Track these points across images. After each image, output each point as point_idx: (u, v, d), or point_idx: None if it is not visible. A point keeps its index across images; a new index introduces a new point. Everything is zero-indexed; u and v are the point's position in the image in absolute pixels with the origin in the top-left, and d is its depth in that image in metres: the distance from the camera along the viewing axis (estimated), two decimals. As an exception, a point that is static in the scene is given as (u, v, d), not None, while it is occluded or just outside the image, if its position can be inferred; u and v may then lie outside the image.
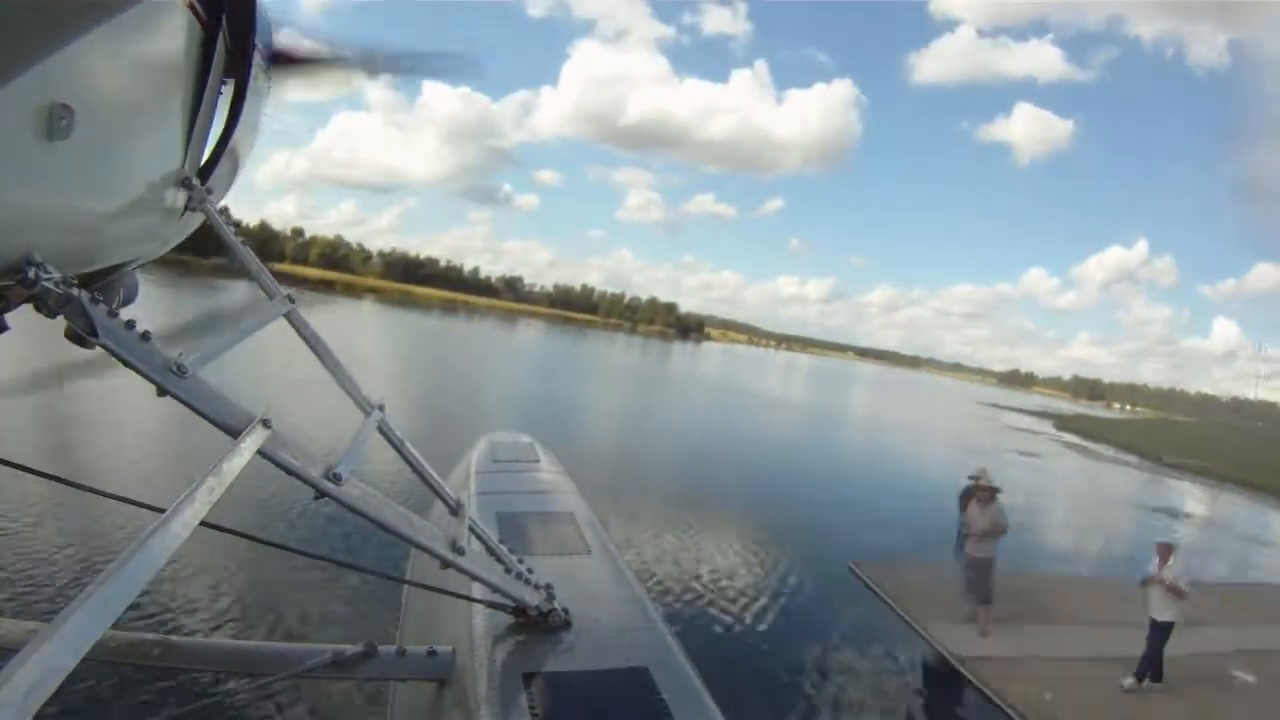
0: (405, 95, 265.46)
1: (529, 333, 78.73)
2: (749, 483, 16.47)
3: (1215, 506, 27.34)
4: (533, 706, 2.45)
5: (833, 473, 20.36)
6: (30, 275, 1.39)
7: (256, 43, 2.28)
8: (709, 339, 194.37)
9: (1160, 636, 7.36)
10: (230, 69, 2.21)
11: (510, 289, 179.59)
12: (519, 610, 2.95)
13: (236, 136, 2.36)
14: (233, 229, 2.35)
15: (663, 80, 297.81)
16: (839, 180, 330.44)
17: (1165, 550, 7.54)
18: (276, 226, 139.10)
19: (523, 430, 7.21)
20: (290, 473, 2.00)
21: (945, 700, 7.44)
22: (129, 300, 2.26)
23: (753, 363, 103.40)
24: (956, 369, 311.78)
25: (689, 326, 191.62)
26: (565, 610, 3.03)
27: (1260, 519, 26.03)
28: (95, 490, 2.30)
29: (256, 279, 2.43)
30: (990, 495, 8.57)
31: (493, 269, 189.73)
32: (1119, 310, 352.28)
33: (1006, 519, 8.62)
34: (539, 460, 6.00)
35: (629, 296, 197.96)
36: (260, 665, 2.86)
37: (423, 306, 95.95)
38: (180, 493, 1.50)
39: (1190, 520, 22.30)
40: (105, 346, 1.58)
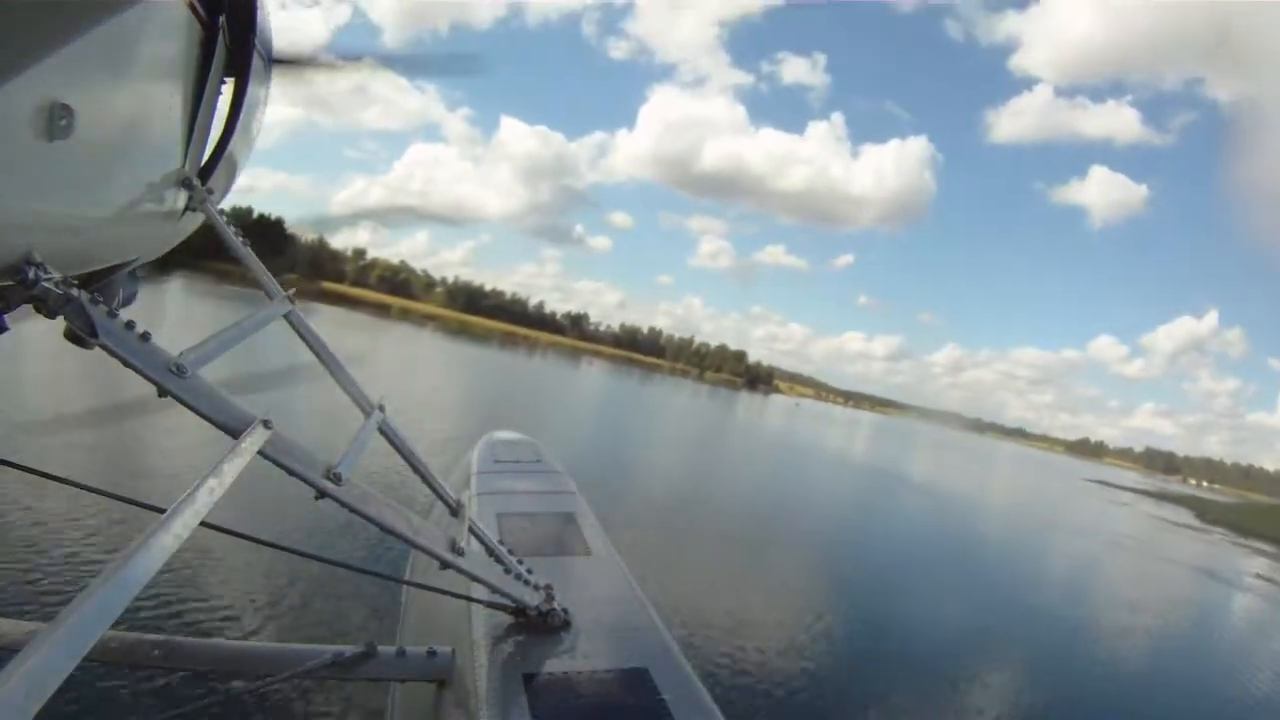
0: (483, 130, 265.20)
1: (591, 373, 72.16)
2: (881, 616, 11.06)
3: None
4: (533, 707, 2.45)
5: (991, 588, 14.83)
6: (30, 275, 1.39)
7: (256, 43, 2.28)
8: (777, 391, 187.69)
9: None
10: (230, 69, 2.21)
11: (575, 326, 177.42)
12: (519, 611, 2.95)
13: (236, 136, 2.36)
14: (233, 229, 2.35)
15: (739, 128, 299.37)
16: (911, 237, 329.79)
17: None
18: (346, 250, 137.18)
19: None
20: (291, 473, 2.00)
21: None
22: (129, 300, 2.26)
23: (834, 422, 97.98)
24: (1019, 435, 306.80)
25: (758, 377, 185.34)
26: (565, 611, 3.02)
27: None
28: (96, 490, 2.30)
29: (257, 279, 2.43)
30: None
31: (561, 307, 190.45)
32: (1185, 381, 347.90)
33: None
34: (539, 461, 5.99)
35: (698, 341, 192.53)
36: (260, 665, 2.86)
37: (481, 337, 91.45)
38: (180, 493, 1.50)
39: None
40: (105, 347, 1.57)
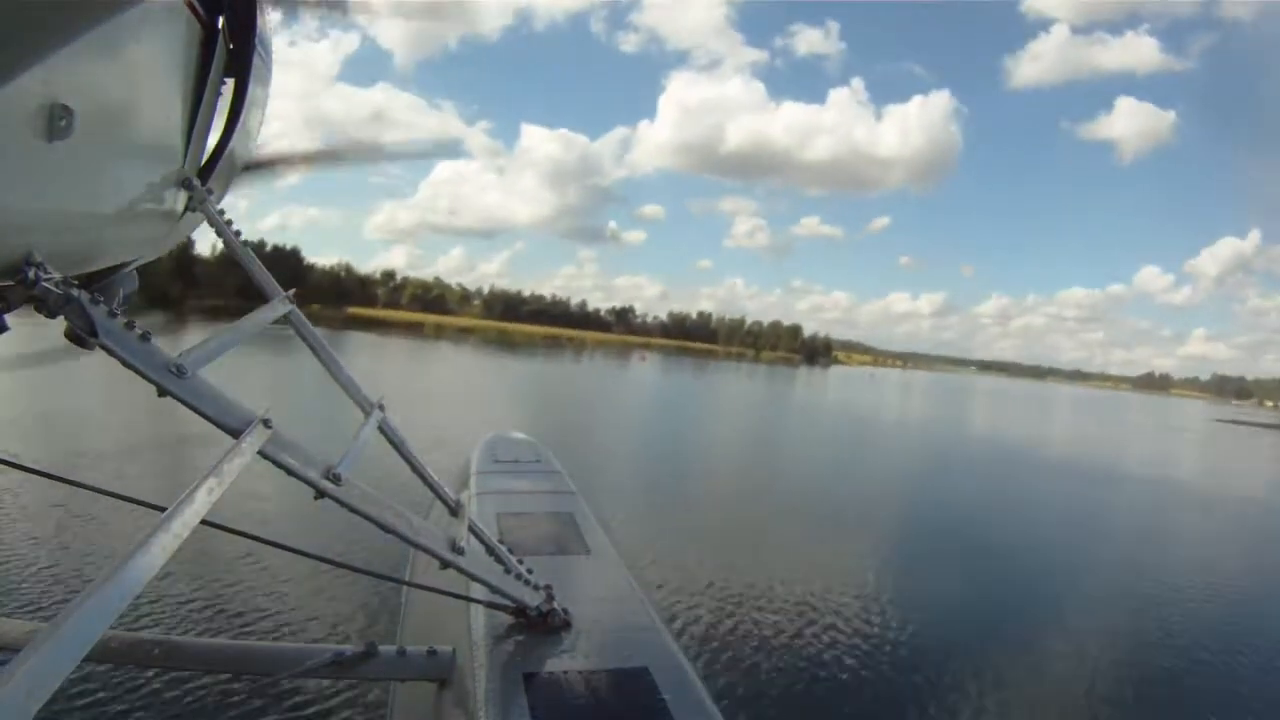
0: (504, 141, 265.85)
1: (642, 372, 59.63)
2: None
3: None
4: (533, 707, 2.45)
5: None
6: (30, 276, 1.39)
7: (256, 43, 2.28)
8: (837, 362, 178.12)
9: None
10: (230, 69, 2.21)
11: (621, 321, 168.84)
12: (519, 610, 2.95)
13: (237, 136, 2.36)
14: (233, 229, 2.35)
15: (760, 105, 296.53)
16: (944, 193, 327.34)
17: None
18: (375, 274, 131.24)
19: None
20: (290, 473, 2.00)
21: None
22: (129, 300, 2.26)
23: (912, 389, 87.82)
24: (1077, 376, 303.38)
25: (815, 350, 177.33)
26: (565, 610, 3.03)
27: None
28: (96, 489, 2.30)
29: (257, 279, 2.43)
30: None
31: (604, 305, 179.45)
32: (1234, 303, 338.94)
33: None
34: (539, 460, 6.00)
35: (749, 321, 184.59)
36: (260, 665, 2.86)
37: (522, 345, 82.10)
38: (180, 493, 1.50)
39: None
40: (105, 347, 1.57)
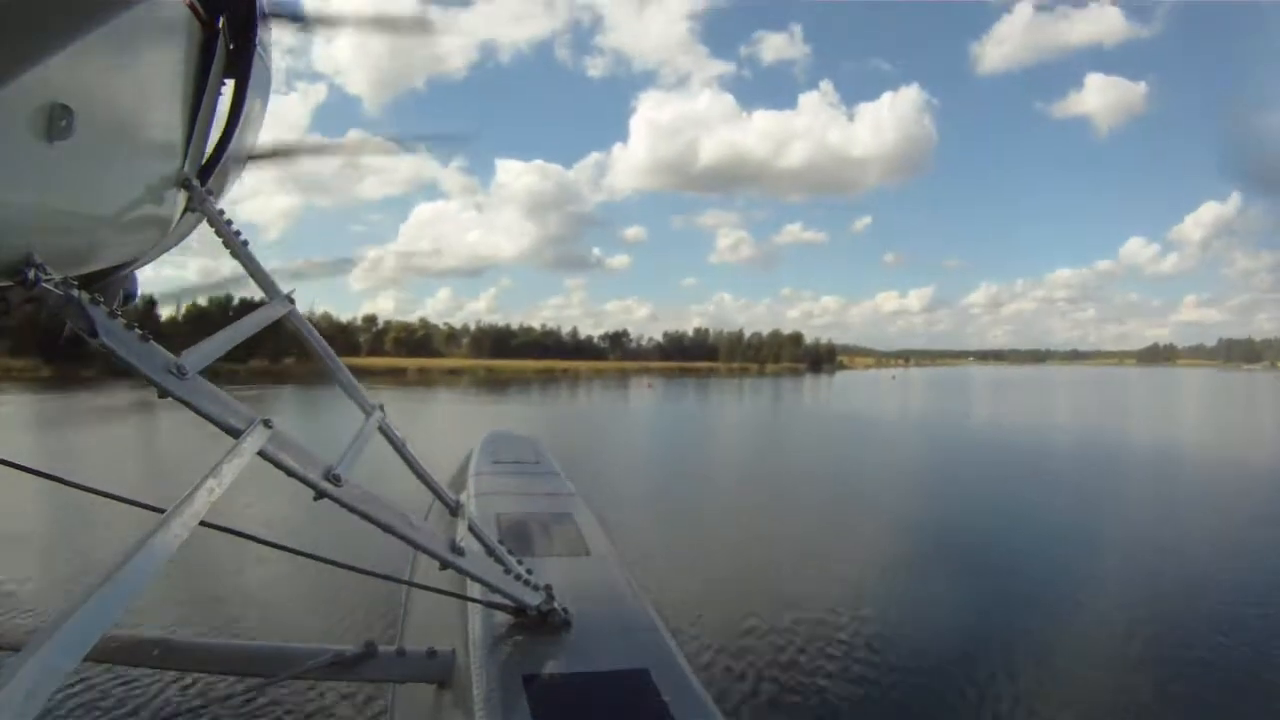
0: (480, 178, 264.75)
1: (644, 401, 52.00)
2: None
3: None
4: (533, 708, 2.45)
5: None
6: (30, 276, 1.39)
7: (257, 43, 2.28)
8: (842, 368, 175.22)
9: None
10: (230, 69, 2.21)
11: (616, 346, 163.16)
12: (519, 611, 2.95)
13: (236, 137, 2.36)
14: (233, 229, 2.35)
15: (731, 117, 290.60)
16: (922, 186, 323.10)
17: None
18: (355, 320, 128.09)
19: None
20: (290, 474, 1.99)
21: None
22: (129, 300, 2.26)
23: (933, 386, 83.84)
24: (1076, 356, 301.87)
25: (819, 357, 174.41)
26: (565, 611, 3.02)
27: None
28: (95, 490, 2.30)
29: (257, 280, 2.43)
30: None
31: (596, 332, 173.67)
32: (1222, 266, 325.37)
33: None
34: (539, 461, 5.99)
35: (748, 334, 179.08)
36: (260, 666, 2.85)
37: (516, 382, 76.34)
38: (180, 494, 1.50)
39: None
40: (105, 347, 1.57)
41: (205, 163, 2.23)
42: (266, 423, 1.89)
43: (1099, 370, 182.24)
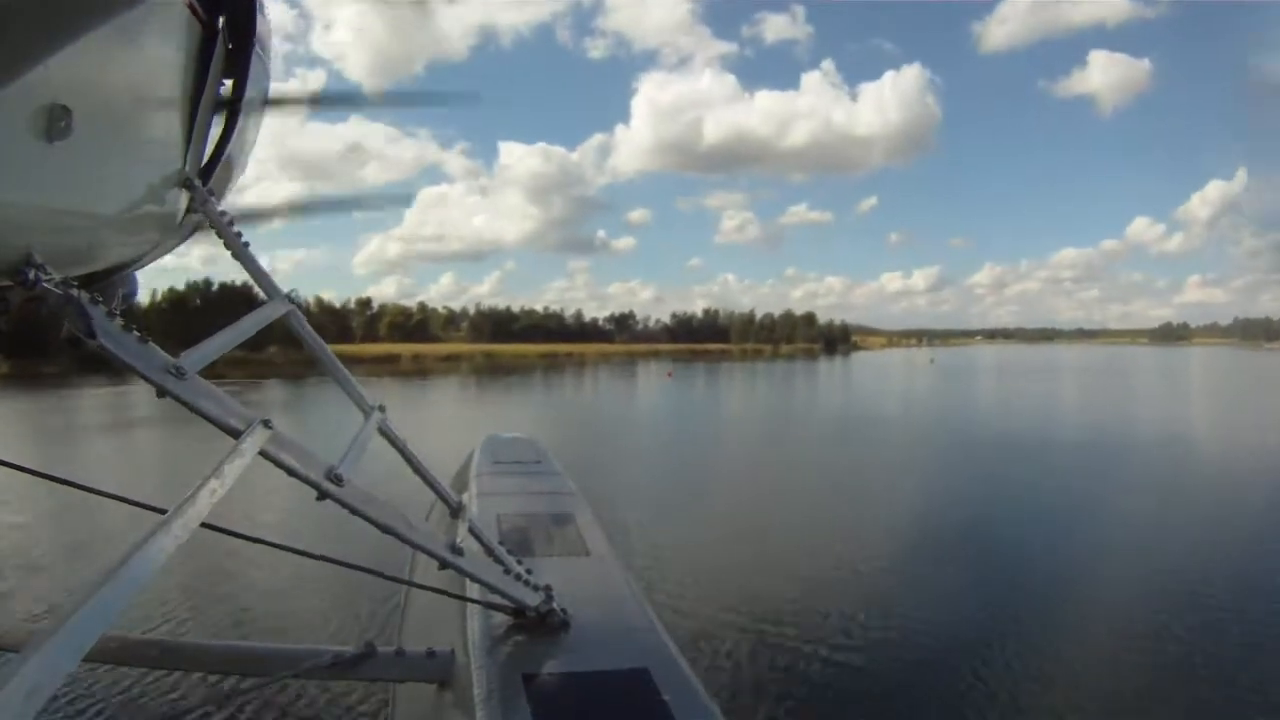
0: (483, 161, 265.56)
1: (673, 393, 43.94)
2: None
3: None
4: (532, 708, 2.45)
5: None
6: (30, 276, 1.39)
7: (256, 43, 2.28)
8: (858, 348, 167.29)
9: None
10: (230, 69, 2.21)
11: (623, 329, 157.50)
12: (518, 611, 2.95)
13: (237, 137, 2.36)
14: (233, 230, 2.35)
15: (734, 98, 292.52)
16: (926, 166, 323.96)
17: None
18: (349, 304, 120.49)
19: None
20: (291, 474, 1.99)
21: None
22: (129, 301, 2.26)
23: (987, 369, 72.66)
24: (1082, 335, 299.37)
25: (834, 338, 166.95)
26: (564, 611, 3.02)
27: None
28: (95, 490, 2.29)
29: (258, 280, 2.43)
30: None
31: (601, 314, 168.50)
32: (1228, 245, 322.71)
33: None
34: (539, 462, 6.00)
35: (760, 314, 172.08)
36: (260, 666, 2.85)
37: (517, 368, 69.51)
38: (181, 494, 1.50)
39: None
40: (104, 347, 1.57)
41: (206, 162, 2.23)
42: (266, 423, 1.89)
43: (1114, 349, 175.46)
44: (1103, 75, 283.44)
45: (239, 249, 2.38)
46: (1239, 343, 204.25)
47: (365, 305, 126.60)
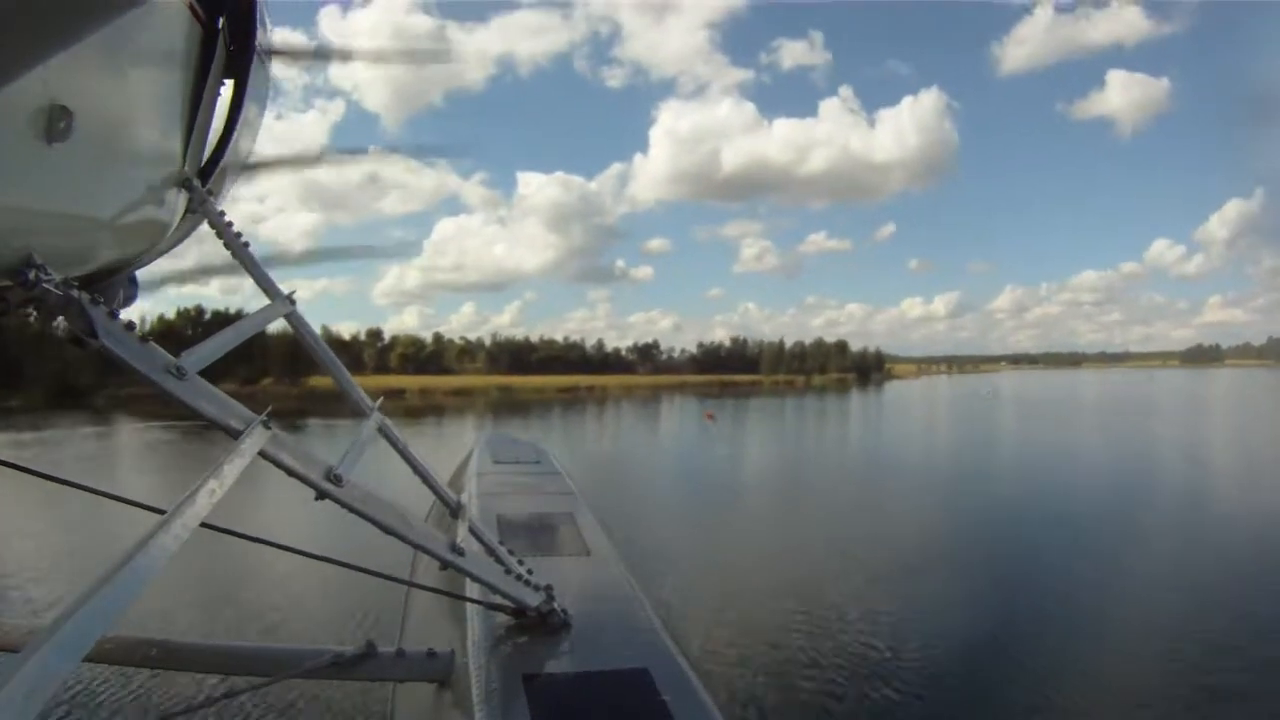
0: (502, 191, 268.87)
1: (712, 439, 35.91)
2: None
3: None
4: (533, 708, 2.45)
5: None
6: (30, 277, 1.39)
7: (256, 43, 2.28)
8: (893, 377, 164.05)
9: None
10: (230, 69, 2.21)
11: (646, 359, 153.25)
12: (519, 611, 2.95)
13: (237, 137, 2.36)
14: (233, 230, 2.35)
15: (752, 125, 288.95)
16: (945, 191, 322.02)
17: None
18: (359, 335, 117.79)
19: None
20: (291, 474, 1.99)
21: None
22: (129, 301, 2.26)
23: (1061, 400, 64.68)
24: (1107, 360, 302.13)
25: (868, 366, 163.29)
26: (565, 611, 3.02)
27: None
28: (95, 490, 2.30)
29: (258, 280, 2.44)
30: None
31: (623, 344, 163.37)
32: (1247, 265, 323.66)
33: None
34: (539, 462, 6.00)
35: (790, 343, 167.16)
36: (260, 666, 2.85)
37: (533, 405, 64.49)
38: (180, 495, 1.50)
39: None
40: (105, 348, 1.57)
41: (205, 163, 2.23)
42: (266, 423, 1.89)
43: (1146, 373, 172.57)
44: (1121, 96, 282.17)
45: (238, 249, 2.38)
46: (1276, 364, 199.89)
47: (376, 336, 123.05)
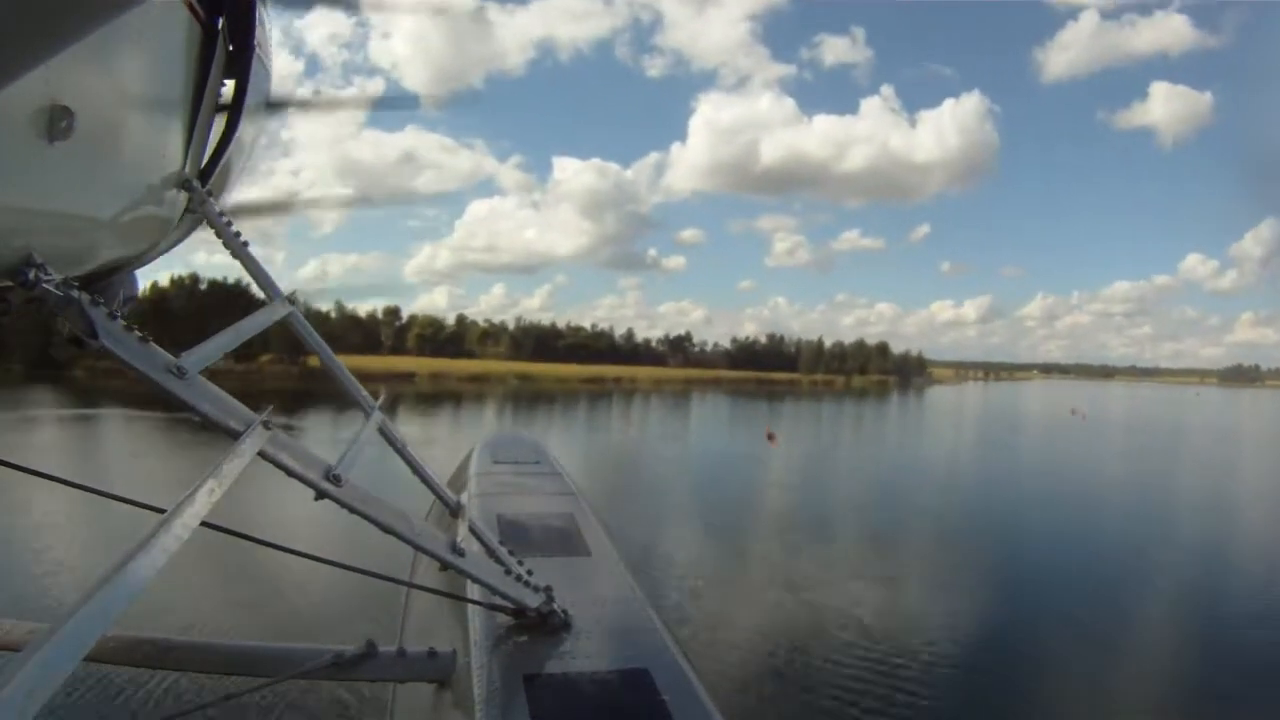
0: (537, 175, 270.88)
1: (778, 466, 25.79)
2: None
3: None
4: (533, 708, 2.45)
5: None
6: (30, 277, 1.39)
7: (256, 43, 2.28)
8: (934, 382, 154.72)
9: None
10: (230, 69, 2.21)
11: (677, 351, 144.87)
12: (519, 611, 2.95)
13: (237, 138, 2.36)
14: (232, 230, 2.35)
15: (792, 120, 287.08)
16: (982, 194, 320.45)
17: None
18: (381, 315, 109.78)
19: None
20: (290, 474, 1.99)
21: None
22: (129, 302, 2.26)
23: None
24: (1138, 374, 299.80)
25: (908, 369, 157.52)
26: (565, 611, 3.02)
27: None
28: (95, 490, 2.30)
29: (258, 280, 2.44)
30: None
31: (652, 334, 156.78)
32: None
33: None
34: (539, 461, 5.99)
35: (829, 342, 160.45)
36: (260, 666, 2.86)
37: (555, 395, 60.23)
38: (180, 494, 1.50)
39: None
40: (105, 348, 1.57)
41: (205, 163, 2.23)
42: (266, 423, 1.89)
43: (1184, 390, 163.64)
44: (1164, 107, 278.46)
45: (238, 249, 2.38)
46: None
47: (394, 315, 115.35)
